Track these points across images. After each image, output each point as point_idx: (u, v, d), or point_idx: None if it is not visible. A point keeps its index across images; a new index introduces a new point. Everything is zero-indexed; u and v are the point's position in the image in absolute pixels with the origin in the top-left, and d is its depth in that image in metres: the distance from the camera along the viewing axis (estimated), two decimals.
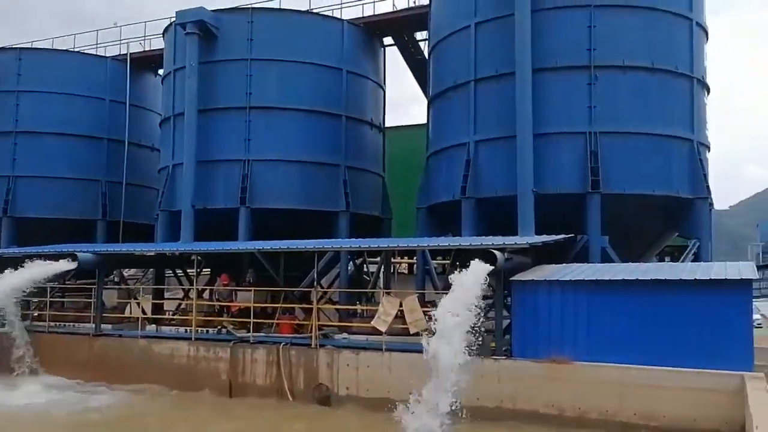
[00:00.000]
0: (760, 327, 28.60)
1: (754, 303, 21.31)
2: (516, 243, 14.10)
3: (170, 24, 22.99)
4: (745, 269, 12.74)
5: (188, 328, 17.52)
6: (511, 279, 13.62)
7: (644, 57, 17.06)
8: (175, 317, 19.92)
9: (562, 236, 15.43)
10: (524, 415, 12.73)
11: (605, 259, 15.96)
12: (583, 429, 12.12)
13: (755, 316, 26.59)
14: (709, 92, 18.79)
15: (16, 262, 17.90)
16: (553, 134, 16.90)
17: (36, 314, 20.14)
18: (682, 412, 11.57)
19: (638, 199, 16.62)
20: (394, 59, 25.67)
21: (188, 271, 22.56)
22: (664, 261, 23.60)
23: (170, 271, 23.70)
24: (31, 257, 18.00)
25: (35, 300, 20.07)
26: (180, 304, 21.73)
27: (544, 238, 15.07)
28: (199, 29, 20.92)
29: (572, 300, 13.01)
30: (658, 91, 17.21)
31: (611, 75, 16.94)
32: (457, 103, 18.68)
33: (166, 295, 23.81)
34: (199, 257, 19.67)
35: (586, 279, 13.02)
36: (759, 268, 19.15)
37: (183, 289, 22.54)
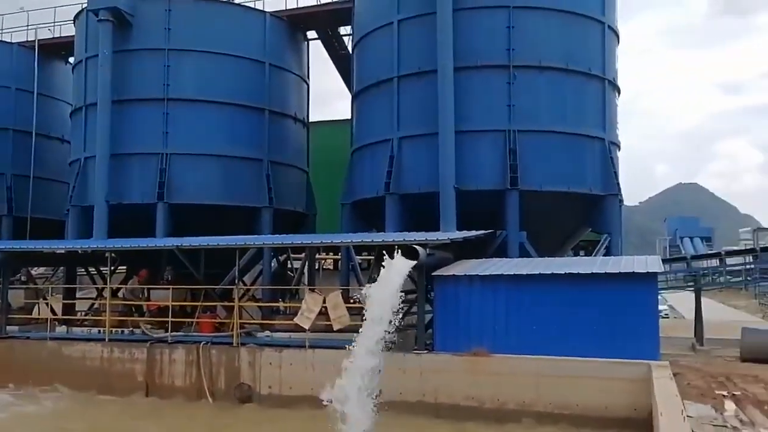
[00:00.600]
0: (667, 317, 30.38)
1: (661, 294, 22.64)
2: (438, 239, 14.32)
3: (82, 10, 21.93)
4: (651, 263, 13.45)
5: (102, 329, 16.81)
6: (433, 274, 13.83)
7: (560, 58, 17.68)
8: (87, 318, 19.08)
9: (482, 232, 15.79)
10: (445, 408, 12.96)
11: (523, 253, 16.47)
12: (501, 420, 12.47)
13: (662, 307, 28.28)
14: (619, 93, 19.70)
15: None
16: (474, 132, 17.27)
17: None
18: (594, 401, 12.09)
19: (554, 195, 17.22)
20: (319, 53, 25.51)
21: (102, 269, 21.62)
22: (578, 255, 24.63)
23: (83, 270, 22.66)
24: None
25: None
26: (93, 304, 20.83)
27: (465, 233, 15.38)
28: (113, 16, 20.05)
29: (491, 294, 13.36)
30: (572, 91, 17.90)
31: (529, 75, 17.47)
32: (381, 100, 18.77)
33: (79, 294, 22.72)
34: (113, 254, 18.86)
35: (504, 273, 13.39)
36: (666, 261, 20.29)
37: (96, 288, 21.59)
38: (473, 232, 15.49)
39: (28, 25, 26.39)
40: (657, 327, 12.56)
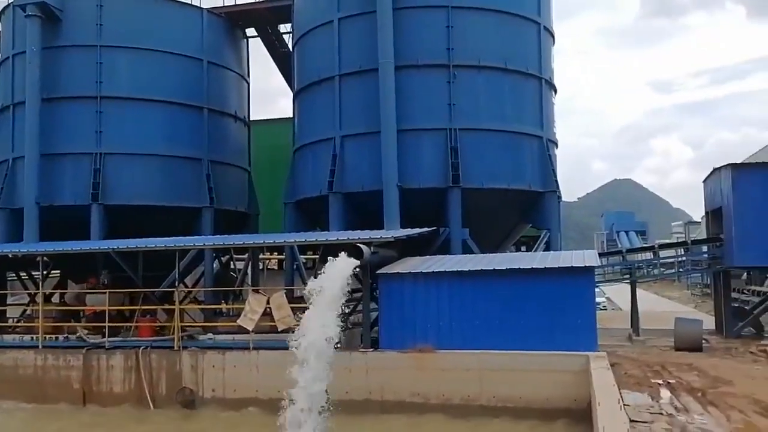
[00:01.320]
0: (605, 309, 31.39)
1: (598, 287, 23.31)
2: (381, 237, 14.36)
3: (8, 5, 20.98)
4: (588, 257, 13.86)
5: (35, 336, 16.12)
6: (377, 272, 13.86)
7: (498, 57, 17.98)
8: (19, 324, 18.26)
9: (426, 229, 15.93)
10: (392, 405, 13.03)
11: (466, 250, 16.69)
12: (446, 415, 12.62)
13: (600, 299, 29.20)
14: (556, 92, 20.19)
15: None
16: (415, 130, 17.38)
17: None
18: (535, 393, 12.38)
19: (495, 192, 17.52)
20: (260, 51, 25.18)
21: (33, 273, 20.72)
22: (519, 251, 25.16)
23: (13, 274, 21.64)
24: None
25: None
26: (25, 310, 19.95)
27: (408, 231, 15.47)
28: (41, 11, 19.27)
29: (435, 291, 13.49)
30: (510, 90, 18.24)
31: (468, 74, 17.70)
32: (323, 98, 18.67)
33: (10, 300, 21.70)
34: (45, 258, 18.11)
35: (447, 270, 13.54)
36: (603, 254, 20.88)
37: (28, 294, 20.68)
38: (416, 230, 15.60)
39: None
40: (594, 319, 12.97)
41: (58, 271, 21.45)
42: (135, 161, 19.81)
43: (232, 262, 23.79)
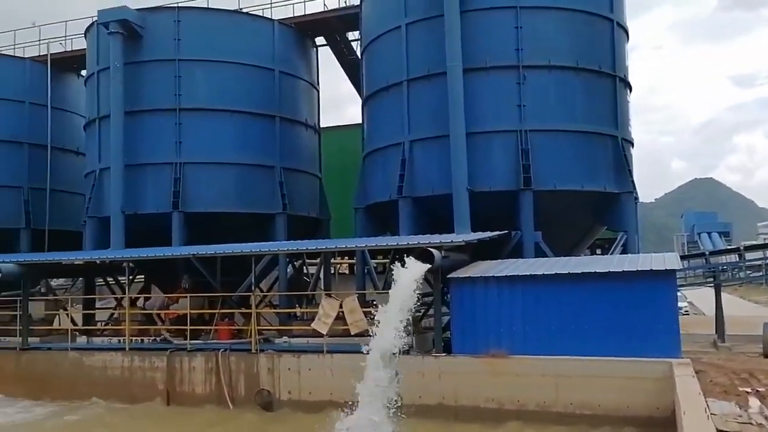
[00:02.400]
0: (687, 314, 30.15)
1: (680, 291, 22.45)
2: (452, 241, 14.32)
3: (92, 23, 22.15)
4: (669, 259, 13.36)
5: (122, 338, 16.96)
6: (448, 276, 13.83)
7: (569, 57, 17.61)
8: (107, 327, 19.24)
9: (497, 233, 15.77)
10: (466, 411, 12.95)
11: (539, 253, 16.40)
12: (521, 421, 12.44)
13: (681, 304, 28.05)
14: (631, 90, 19.58)
15: None
16: (485, 133, 17.23)
17: None
18: (615, 401, 12.03)
19: (568, 194, 17.15)
20: (329, 59, 25.61)
21: (120, 278, 21.81)
22: (595, 254, 24.50)
23: (101, 280, 22.86)
24: None
25: None
26: (112, 314, 21.01)
27: (479, 235, 15.36)
28: (123, 29, 20.24)
29: (508, 295, 13.32)
30: (583, 89, 17.82)
31: (538, 74, 17.42)
32: (391, 103, 18.79)
33: (98, 304, 22.92)
34: (131, 264, 19.04)
35: (520, 274, 13.35)
36: (684, 257, 20.09)
37: (115, 298, 21.79)
38: (488, 234, 15.48)
39: (40, 40, 26.66)
40: (677, 324, 12.47)
41: (143, 276, 22.45)
42: (212, 170, 20.49)
43: (305, 267, 24.26)
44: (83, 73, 25.32)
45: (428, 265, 12.72)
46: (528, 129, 17.07)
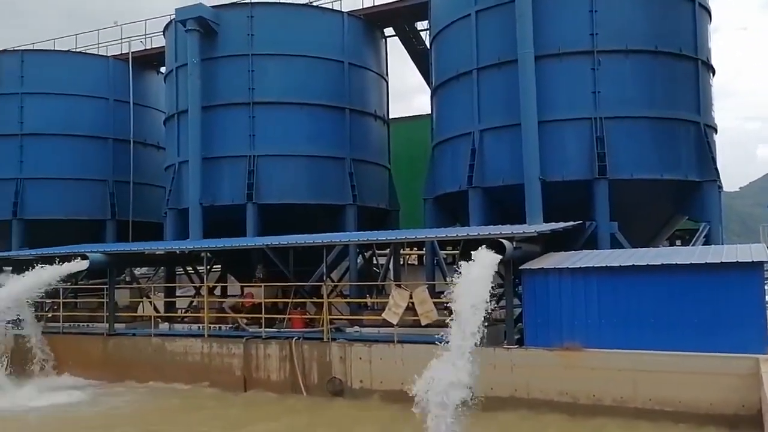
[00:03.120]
0: None
1: (767, 285, 21.23)
2: (524, 231, 14.09)
3: (170, 21, 22.96)
4: (756, 251, 12.72)
5: (201, 325, 17.63)
6: (520, 267, 13.63)
7: (647, 40, 16.95)
8: (187, 315, 20.03)
9: (571, 223, 15.41)
10: (539, 404, 12.78)
11: (615, 245, 15.93)
12: (597, 416, 12.16)
13: None
14: (714, 74, 18.66)
15: (28, 264, 18.01)
16: (558, 121, 16.83)
17: (50, 315, 20.31)
18: (697, 397, 11.57)
19: (645, 183, 16.56)
20: (397, 50, 25.62)
21: (198, 268, 22.64)
22: (674, 245, 23.54)
23: (180, 269, 23.80)
24: (43, 259, 18.11)
25: (49, 301, 20.22)
26: (191, 302, 21.84)
27: (552, 225, 15.06)
28: (200, 26, 20.88)
29: (583, 287, 13.00)
30: (662, 74, 17.11)
31: (615, 59, 16.84)
32: (461, 93, 18.62)
33: (178, 292, 23.90)
34: (208, 254, 19.73)
35: (596, 266, 13.01)
36: None
37: (194, 287, 22.64)
38: (561, 224, 15.16)
39: (121, 39, 27.95)
40: (764, 319, 11.85)
41: (219, 266, 23.23)
42: (284, 162, 20.94)
43: (374, 258, 24.47)
44: (162, 69, 26.35)
45: (500, 257, 12.56)
46: (603, 116, 16.55)
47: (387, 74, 24.66)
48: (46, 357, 18.37)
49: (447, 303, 12.42)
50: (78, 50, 27.54)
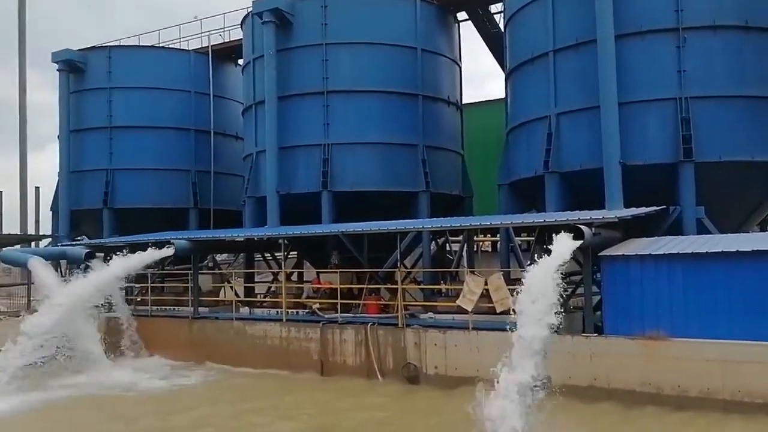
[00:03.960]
0: None
1: None
2: (604, 217, 13.68)
3: (247, 14, 23.52)
4: None
5: (279, 310, 18.12)
6: (600, 254, 13.27)
7: (737, 15, 16.04)
8: (266, 300, 20.63)
9: (653, 208, 14.85)
10: (620, 393, 12.44)
11: (702, 230, 15.24)
12: (683, 408, 11.74)
13: None
14: None
15: (118, 251, 19.01)
16: (639, 102, 16.22)
17: (139, 299, 21.40)
18: None
19: (735, 166, 15.73)
20: (468, 34, 25.29)
21: (276, 254, 23.27)
22: (766, 231, 22.24)
23: (259, 256, 24.50)
24: (132, 245, 19.07)
25: (138, 286, 21.28)
26: (270, 287, 22.48)
27: (634, 211, 14.54)
28: (275, 17, 21.29)
29: (666, 274, 12.53)
30: (754, 50, 16.16)
31: (701, 36, 16.04)
32: (536, 76, 18.21)
33: (257, 278, 24.64)
34: (285, 241, 20.23)
35: (681, 252, 12.49)
36: None
37: (272, 273, 23.28)
38: (643, 210, 14.62)
39: (201, 32, 28.88)
40: None
41: (296, 252, 23.78)
42: (357, 150, 21.14)
43: (447, 245, 24.40)
44: (240, 62, 27.07)
45: (578, 243, 12.26)
46: (689, 96, 15.82)
47: (460, 59, 24.40)
48: (137, 339, 19.38)
49: (522, 290, 12.25)
50: (161, 45, 28.69)
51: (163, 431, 12.82)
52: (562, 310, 11.42)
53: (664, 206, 15.27)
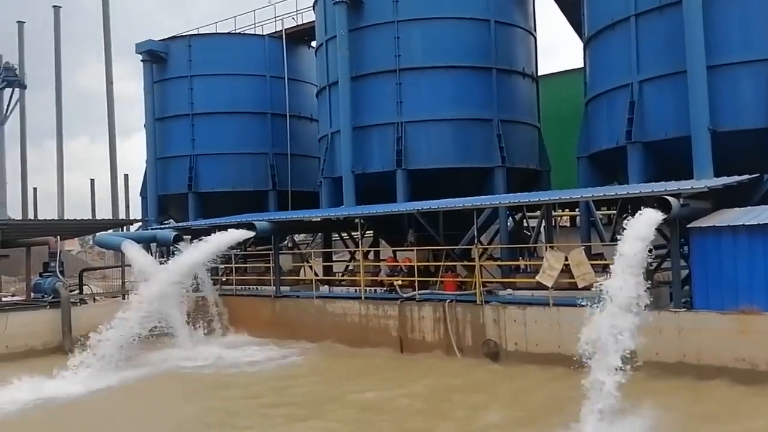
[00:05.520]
0: None
1: None
2: (693, 187, 13.03)
3: None
4: None
5: (357, 288, 18.39)
6: (688, 226, 12.69)
7: None
8: (344, 278, 20.98)
9: (746, 177, 14.01)
10: (711, 370, 11.96)
11: None
12: None
13: None
14: None
15: (203, 233, 19.78)
16: (730, 65, 15.28)
17: (224, 279, 22.25)
18: None
19: None
20: (543, 3, 24.49)
21: (353, 233, 23.58)
22: None
23: (336, 235, 24.88)
24: (216, 228, 19.78)
25: (222, 266, 22.12)
26: (347, 266, 22.83)
27: (725, 180, 13.78)
28: None
29: (762, 246, 11.87)
30: None
31: None
32: (617, 42, 17.46)
33: (334, 257, 25.07)
34: (362, 220, 20.46)
35: None
36: None
37: (349, 252, 23.63)
38: (734, 178, 13.83)
39: (275, 17, 29.35)
40: None
41: (372, 232, 24.01)
42: (430, 127, 20.99)
43: (525, 220, 23.98)
44: (313, 44, 27.35)
45: (664, 215, 11.76)
46: None
47: (535, 29, 23.70)
48: (222, 316, 20.19)
49: (604, 264, 11.89)
50: (237, 31, 29.38)
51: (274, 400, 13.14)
52: (649, 285, 11.05)
53: (758, 174, 14.39)
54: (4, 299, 22.26)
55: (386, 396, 12.78)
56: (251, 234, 18.93)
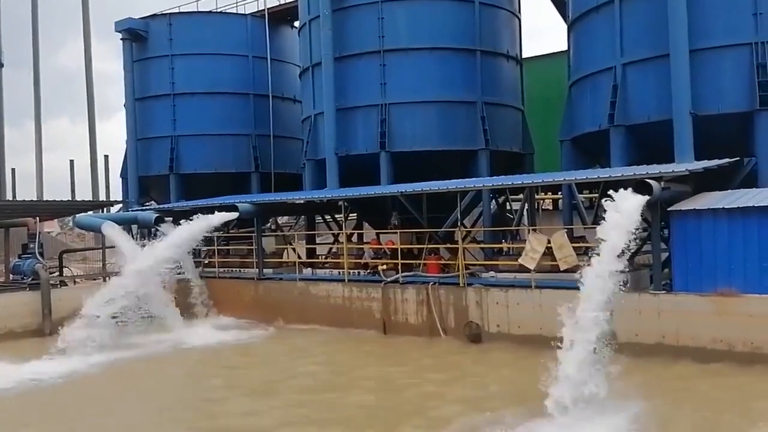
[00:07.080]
0: None
1: None
2: (674, 171, 13.15)
3: None
4: None
5: (341, 271, 18.38)
6: (669, 209, 12.82)
7: None
8: (328, 261, 20.96)
9: (726, 160, 14.17)
10: (689, 351, 12.17)
11: None
12: (756, 364, 11.38)
13: None
14: None
15: (185, 215, 19.62)
16: (713, 48, 15.35)
17: (206, 261, 22.12)
18: None
19: None
20: None
21: (336, 216, 23.53)
22: None
23: (320, 217, 24.79)
24: (198, 210, 19.62)
25: (205, 249, 21.98)
26: (331, 248, 22.80)
27: (705, 163, 13.92)
28: None
29: (740, 229, 12.07)
30: None
31: None
32: (601, 25, 17.46)
33: (318, 240, 25.01)
34: (345, 203, 20.40)
35: (757, 205, 11.94)
36: None
37: (333, 234, 23.59)
38: (715, 162, 13.97)
39: None
40: None
41: (355, 214, 23.97)
42: (415, 109, 20.88)
43: (508, 203, 24.08)
44: (296, 24, 27.02)
45: (646, 197, 11.84)
46: (766, 41, 14.85)
47: (519, 11, 23.62)
48: (205, 299, 20.10)
49: (587, 247, 12.00)
50: (219, 10, 28.92)
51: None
52: (629, 267, 11.16)
53: (738, 158, 14.56)
54: None
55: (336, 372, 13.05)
56: (234, 216, 18.80)
